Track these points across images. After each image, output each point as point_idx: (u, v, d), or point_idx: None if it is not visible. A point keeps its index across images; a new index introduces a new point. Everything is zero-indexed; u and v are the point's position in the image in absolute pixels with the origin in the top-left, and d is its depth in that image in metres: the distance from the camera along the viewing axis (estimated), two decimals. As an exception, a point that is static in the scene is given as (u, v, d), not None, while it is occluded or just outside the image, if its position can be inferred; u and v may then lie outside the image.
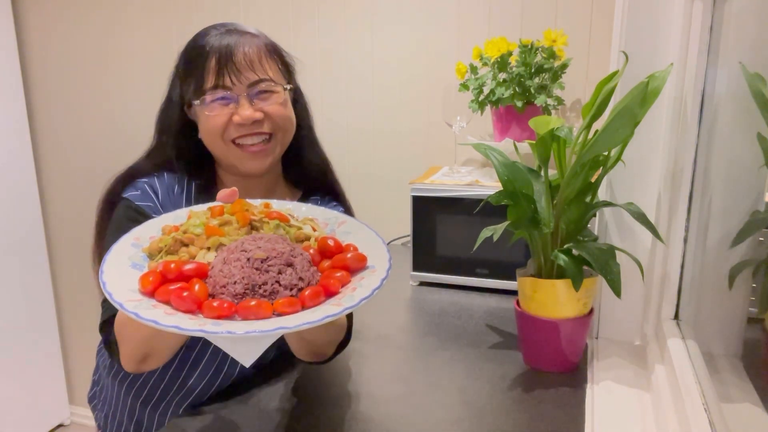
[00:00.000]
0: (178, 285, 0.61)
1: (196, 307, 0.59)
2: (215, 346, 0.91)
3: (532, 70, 1.32)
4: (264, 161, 0.91)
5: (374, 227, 0.76)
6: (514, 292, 0.97)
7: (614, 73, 0.79)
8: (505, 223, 0.86)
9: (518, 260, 1.23)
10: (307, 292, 0.62)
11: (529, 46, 1.32)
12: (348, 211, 1.06)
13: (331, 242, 0.70)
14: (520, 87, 1.31)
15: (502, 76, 1.35)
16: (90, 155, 2.13)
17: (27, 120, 2.13)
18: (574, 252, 0.84)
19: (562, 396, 0.84)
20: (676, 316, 0.91)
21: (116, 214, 0.89)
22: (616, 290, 0.80)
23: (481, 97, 1.36)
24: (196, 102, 0.88)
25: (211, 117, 0.87)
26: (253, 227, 0.71)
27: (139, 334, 0.75)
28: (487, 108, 1.38)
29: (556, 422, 0.77)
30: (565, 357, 0.90)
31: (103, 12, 1.97)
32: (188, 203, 0.92)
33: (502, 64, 1.34)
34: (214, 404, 0.88)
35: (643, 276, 0.88)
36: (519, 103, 1.31)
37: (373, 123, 1.73)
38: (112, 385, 0.97)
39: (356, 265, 0.67)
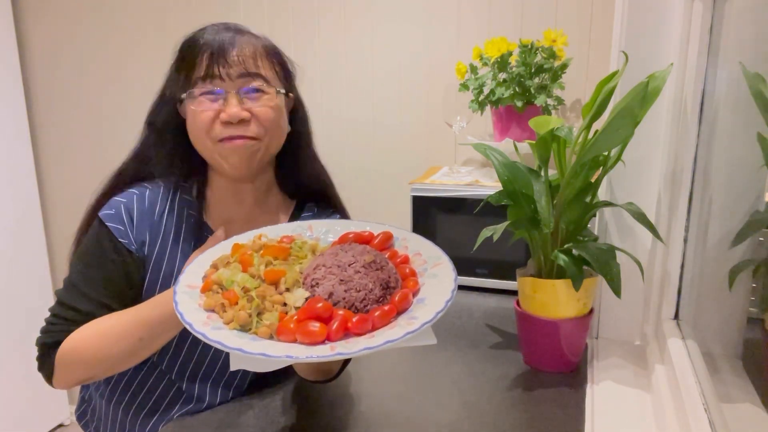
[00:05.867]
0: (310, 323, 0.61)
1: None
2: (219, 367, 0.91)
3: (532, 70, 1.32)
4: (246, 158, 0.85)
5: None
6: (514, 292, 0.97)
7: (614, 73, 0.79)
8: (505, 223, 0.86)
9: (518, 260, 1.23)
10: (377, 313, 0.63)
11: (529, 46, 1.32)
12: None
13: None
14: (520, 87, 1.31)
15: (502, 76, 1.35)
16: (90, 156, 2.13)
17: (27, 121, 2.13)
18: (574, 252, 0.84)
19: (562, 396, 0.84)
20: (676, 316, 0.91)
21: (90, 234, 0.87)
22: (616, 290, 0.80)
23: (481, 97, 1.36)
24: (184, 95, 0.84)
25: (198, 112, 0.83)
26: (292, 255, 0.72)
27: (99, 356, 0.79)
28: (487, 108, 1.38)
29: (556, 422, 0.77)
30: (565, 357, 0.90)
31: (103, 13, 1.97)
32: (170, 219, 0.89)
33: (502, 64, 1.34)
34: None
35: (643, 276, 0.88)
36: (519, 103, 1.31)
37: (373, 123, 1.73)
38: (107, 407, 0.94)
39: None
